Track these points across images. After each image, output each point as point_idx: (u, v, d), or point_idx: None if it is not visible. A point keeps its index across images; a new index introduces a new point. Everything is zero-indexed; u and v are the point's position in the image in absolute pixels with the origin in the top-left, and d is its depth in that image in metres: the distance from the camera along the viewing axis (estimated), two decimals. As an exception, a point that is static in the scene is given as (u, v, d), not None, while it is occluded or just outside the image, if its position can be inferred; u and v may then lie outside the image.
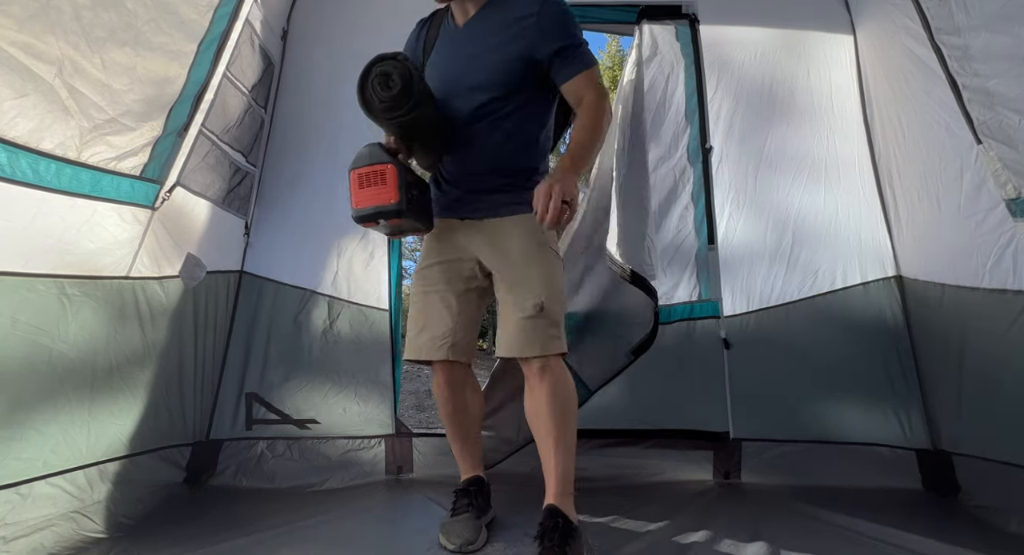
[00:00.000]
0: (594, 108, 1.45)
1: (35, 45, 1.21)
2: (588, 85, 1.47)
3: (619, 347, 1.93)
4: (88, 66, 1.34)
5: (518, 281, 1.49)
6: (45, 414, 1.43)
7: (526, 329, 1.45)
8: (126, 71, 1.45)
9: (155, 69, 1.55)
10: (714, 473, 2.18)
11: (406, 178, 1.42)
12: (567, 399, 1.49)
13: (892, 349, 2.16)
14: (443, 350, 1.57)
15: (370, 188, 1.40)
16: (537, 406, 1.48)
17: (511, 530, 1.64)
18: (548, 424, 1.45)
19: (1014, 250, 1.61)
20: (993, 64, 1.51)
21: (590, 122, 1.44)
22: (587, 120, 1.44)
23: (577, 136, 1.44)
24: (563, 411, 1.47)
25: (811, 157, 2.29)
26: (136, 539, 1.53)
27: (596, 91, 1.47)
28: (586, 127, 1.44)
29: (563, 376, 1.49)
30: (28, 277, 1.35)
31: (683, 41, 2.33)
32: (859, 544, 1.55)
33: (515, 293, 1.48)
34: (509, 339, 1.48)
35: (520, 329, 1.45)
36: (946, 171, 1.84)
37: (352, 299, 2.24)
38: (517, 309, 1.46)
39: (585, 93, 1.46)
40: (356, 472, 2.13)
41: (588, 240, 2.19)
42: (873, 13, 2.15)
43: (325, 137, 2.26)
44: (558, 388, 1.47)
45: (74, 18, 1.28)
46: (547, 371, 1.46)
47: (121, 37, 1.41)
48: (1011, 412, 1.70)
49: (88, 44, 1.33)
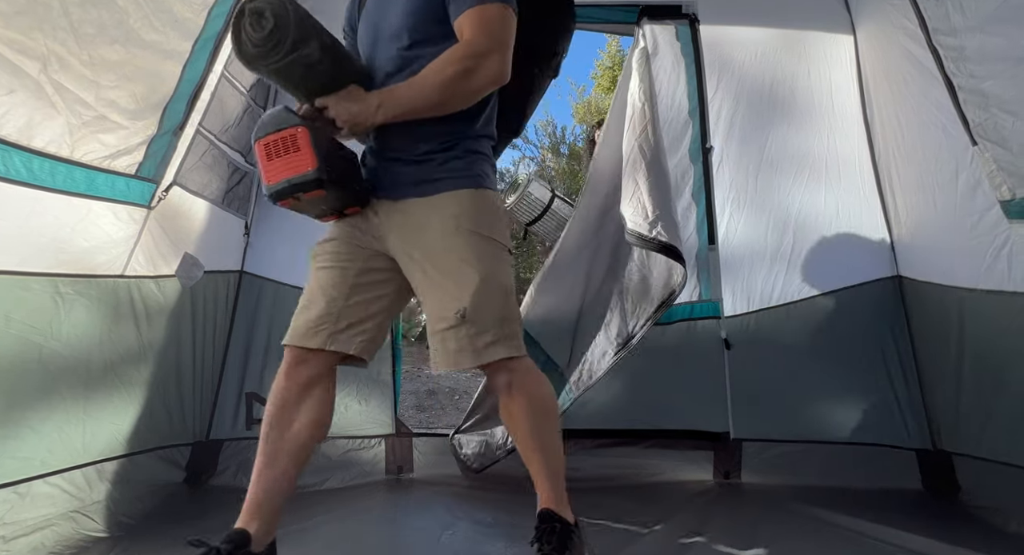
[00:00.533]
0: (458, 53, 1.19)
1: (21, 41, 1.22)
2: (471, 25, 1.20)
3: (605, 347, 1.93)
4: (75, 62, 1.34)
5: (434, 283, 1.26)
6: (40, 412, 1.43)
7: (447, 341, 1.23)
8: (114, 68, 1.44)
9: (147, 67, 1.55)
10: (714, 473, 2.18)
11: (326, 143, 1.22)
12: (543, 405, 1.32)
13: (892, 349, 2.16)
14: (320, 336, 1.26)
15: (281, 158, 1.19)
16: (513, 421, 1.31)
17: (511, 530, 1.64)
18: (529, 440, 1.30)
19: (1009, 251, 1.61)
20: (988, 65, 1.51)
21: (439, 65, 1.19)
22: (437, 63, 1.20)
23: (420, 73, 1.21)
24: (543, 419, 1.31)
25: (811, 157, 2.29)
26: (136, 539, 1.53)
27: (478, 34, 1.20)
28: (432, 67, 1.20)
29: (532, 381, 1.30)
30: (22, 276, 1.35)
31: (683, 41, 2.33)
32: (859, 544, 1.55)
33: (430, 298, 1.27)
34: (434, 353, 1.27)
35: (441, 342, 1.24)
36: (943, 172, 1.84)
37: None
38: (434, 319, 1.25)
39: (465, 34, 1.21)
40: (356, 472, 2.12)
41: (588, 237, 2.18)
42: (872, 13, 2.15)
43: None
44: (530, 397, 1.29)
45: (62, 14, 1.29)
46: (512, 380, 1.27)
47: (112, 34, 1.41)
48: (1011, 412, 1.70)
49: (76, 40, 1.33)
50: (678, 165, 2.32)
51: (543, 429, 1.31)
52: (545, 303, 2.09)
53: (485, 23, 1.20)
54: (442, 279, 1.24)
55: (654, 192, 1.81)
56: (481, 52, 1.19)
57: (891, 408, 2.13)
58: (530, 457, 1.31)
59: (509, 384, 1.27)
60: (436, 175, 1.27)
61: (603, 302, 2.04)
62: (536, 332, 2.07)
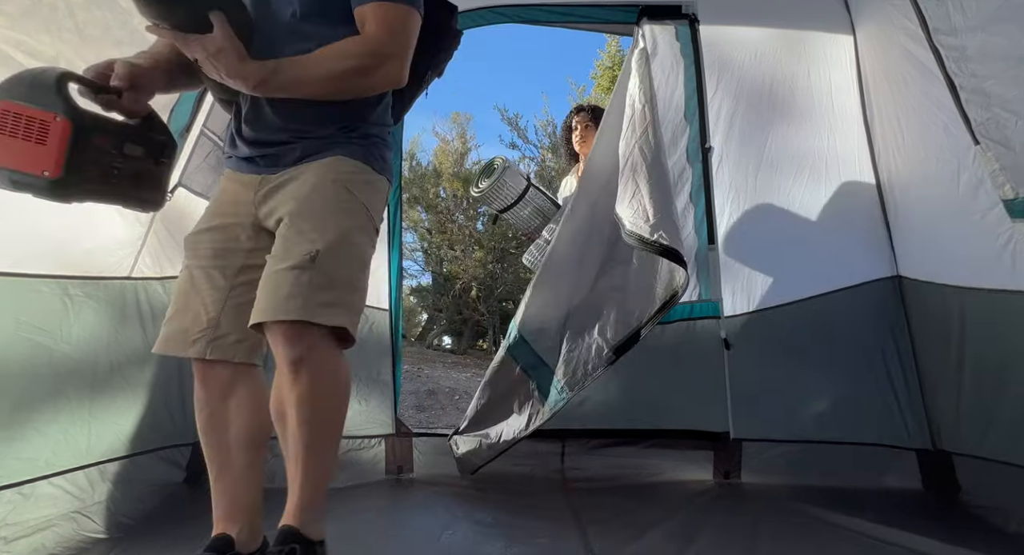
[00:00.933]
0: (358, 47, 1.10)
1: (29, 42, 1.22)
2: (376, 20, 1.11)
3: (600, 347, 1.92)
4: (81, 64, 1.34)
5: (290, 226, 1.10)
6: (46, 414, 1.43)
7: (281, 285, 1.05)
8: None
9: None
10: (714, 473, 2.18)
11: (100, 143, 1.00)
12: (334, 399, 1.11)
13: (892, 349, 2.16)
14: (198, 345, 1.16)
15: (15, 139, 0.92)
16: (287, 406, 1.07)
17: (511, 530, 1.64)
18: (300, 433, 1.06)
19: (1012, 250, 1.61)
20: (990, 65, 1.51)
21: (337, 54, 1.09)
22: (335, 51, 1.09)
23: (316, 55, 1.09)
24: (327, 414, 1.10)
25: (811, 157, 2.29)
26: (136, 539, 1.53)
27: (381, 33, 1.11)
28: (329, 54, 1.09)
29: (333, 366, 1.10)
30: (31, 278, 1.36)
31: (683, 41, 2.33)
32: (859, 544, 1.55)
33: (284, 240, 1.10)
34: (257, 302, 1.07)
35: (273, 286, 1.06)
36: (944, 171, 1.84)
37: (352, 299, 2.24)
38: (276, 260, 1.08)
39: (367, 28, 1.12)
40: (356, 472, 2.12)
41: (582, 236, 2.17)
42: (872, 13, 2.15)
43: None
44: (323, 383, 1.08)
45: (68, 15, 1.29)
46: (310, 357, 1.05)
47: (116, 35, 1.42)
48: (1011, 412, 1.70)
49: (82, 41, 1.33)
50: (677, 165, 2.32)
51: (323, 426, 1.10)
52: (538, 304, 2.09)
53: (390, 23, 1.11)
54: (301, 222, 1.10)
55: (655, 194, 1.81)
56: (383, 53, 1.11)
57: (891, 408, 2.13)
58: (295, 455, 1.07)
59: (301, 360, 1.04)
60: (329, 147, 1.17)
61: (598, 302, 2.03)
62: (528, 333, 2.07)
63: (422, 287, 10.57)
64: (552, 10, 2.35)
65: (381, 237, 2.25)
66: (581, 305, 2.06)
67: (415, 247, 10.33)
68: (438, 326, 8.85)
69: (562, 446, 2.22)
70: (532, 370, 2.03)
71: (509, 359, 2.06)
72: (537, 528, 1.66)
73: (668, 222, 1.75)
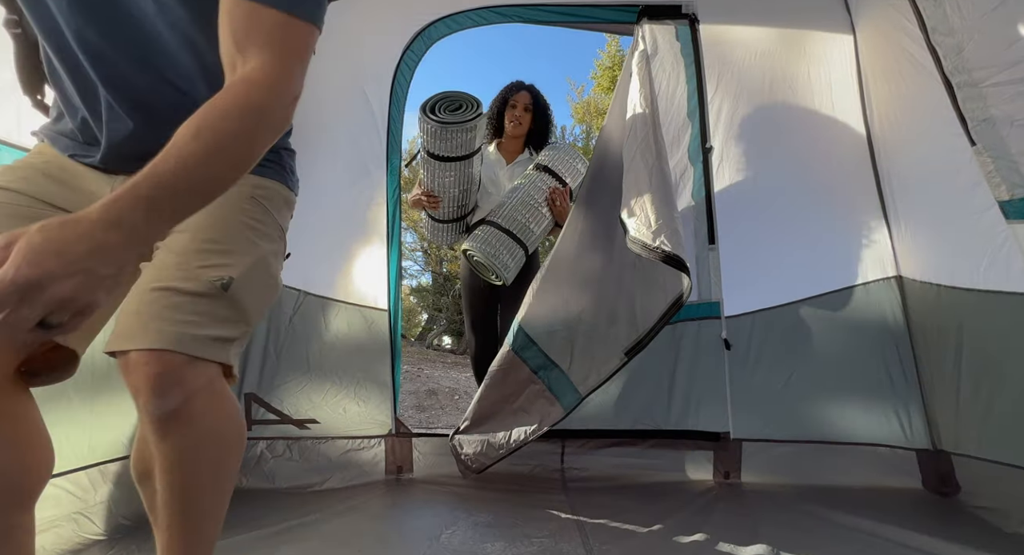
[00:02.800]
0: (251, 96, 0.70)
1: None
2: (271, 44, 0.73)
3: (612, 348, 1.93)
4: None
5: (194, 237, 0.84)
6: (48, 415, 1.42)
7: (177, 310, 0.77)
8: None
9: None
10: (714, 473, 2.18)
11: None
12: (224, 449, 0.83)
13: (892, 349, 2.16)
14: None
15: None
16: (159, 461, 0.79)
17: (511, 530, 1.64)
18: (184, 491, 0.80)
19: (1008, 252, 1.62)
20: (986, 66, 1.51)
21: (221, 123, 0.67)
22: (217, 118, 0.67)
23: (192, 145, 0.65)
24: (216, 468, 0.83)
25: (811, 157, 2.29)
26: (136, 539, 1.53)
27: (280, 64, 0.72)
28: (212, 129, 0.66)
29: (225, 409, 0.82)
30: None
31: (683, 41, 2.33)
32: (859, 544, 1.55)
33: (182, 255, 0.82)
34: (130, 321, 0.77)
35: (164, 306, 0.77)
36: (943, 171, 1.84)
37: (350, 300, 2.24)
38: (170, 276, 0.79)
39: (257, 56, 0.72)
40: (356, 472, 2.13)
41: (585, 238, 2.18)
42: (872, 13, 2.15)
43: (324, 137, 2.26)
44: (213, 432, 0.80)
45: None
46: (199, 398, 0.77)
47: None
48: (1011, 412, 1.70)
49: None
50: (678, 165, 2.32)
51: (213, 481, 0.83)
52: (544, 305, 2.09)
53: (291, 49, 0.74)
54: (205, 235, 0.84)
55: (656, 200, 1.81)
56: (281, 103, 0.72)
57: (891, 408, 2.13)
58: (167, 527, 0.81)
59: (190, 400, 0.76)
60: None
61: (608, 304, 2.04)
62: (535, 333, 2.07)
63: (422, 287, 10.59)
64: (552, 10, 2.35)
65: (381, 237, 2.29)
66: (590, 307, 2.06)
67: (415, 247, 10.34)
68: (438, 326, 8.85)
69: (562, 446, 2.23)
70: (542, 371, 2.03)
71: (517, 360, 2.06)
72: (537, 528, 1.66)
73: (670, 228, 1.76)
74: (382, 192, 2.30)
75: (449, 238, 2.66)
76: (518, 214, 2.30)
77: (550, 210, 2.34)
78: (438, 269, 8.68)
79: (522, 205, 2.31)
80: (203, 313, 0.79)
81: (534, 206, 2.32)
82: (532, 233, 2.32)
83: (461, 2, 2.34)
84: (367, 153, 2.29)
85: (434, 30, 2.36)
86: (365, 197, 2.29)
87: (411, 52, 2.35)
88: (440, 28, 2.37)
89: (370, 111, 2.29)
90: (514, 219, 2.29)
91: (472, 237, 2.31)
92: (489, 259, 2.25)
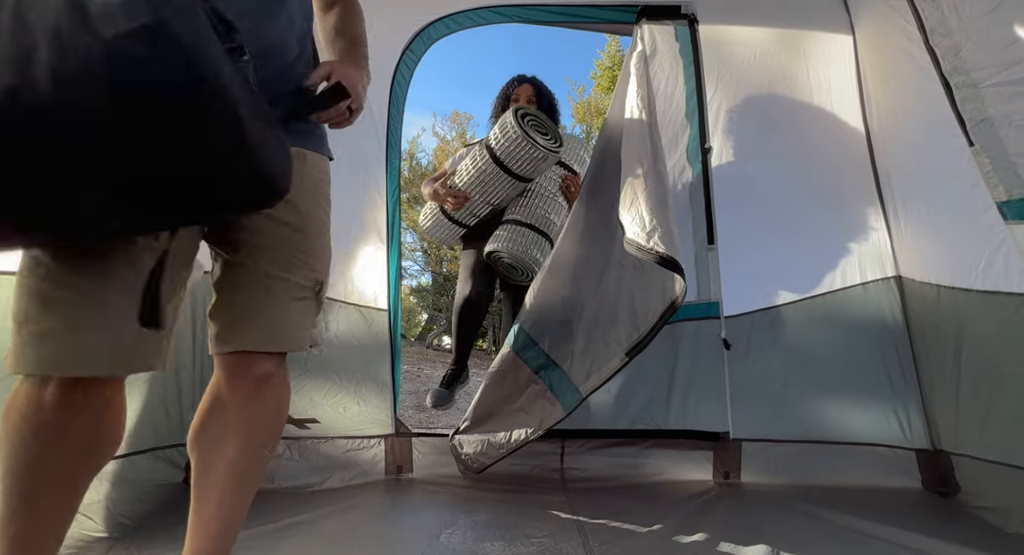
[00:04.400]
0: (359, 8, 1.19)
1: None
2: None
3: (612, 348, 1.93)
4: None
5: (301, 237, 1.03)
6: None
7: (292, 312, 1.01)
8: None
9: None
10: (714, 473, 2.18)
11: None
12: (282, 418, 1.06)
13: (892, 349, 2.16)
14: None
15: None
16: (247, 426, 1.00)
17: (511, 530, 1.64)
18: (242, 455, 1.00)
19: (1006, 252, 1.62)
20: (984, 67, 1.51)
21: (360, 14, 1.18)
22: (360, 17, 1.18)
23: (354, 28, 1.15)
24: (273, 442, 1.06)
25: (810, 157, 2.29)
26: (135, 539, 1.53)
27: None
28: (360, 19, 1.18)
29: (288, 388, 1.07)
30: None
31: (682, 41, 2.33)
32: (859, 544, 1.55)
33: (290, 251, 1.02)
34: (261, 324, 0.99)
35: (287, 311, 1.01)
36: (942, 172, 1.84)
37: (350, 300, 2.24)
38: (280, 276, 1.00)
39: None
40: (356, 472, 2.13)
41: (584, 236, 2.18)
42: (871, 14, 2.16)
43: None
44: (284, 400, 1.05)
45: None
46: (277, 379, 1.02)
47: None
48: (1010, 412, 1.70)
49: None
50: (677, 165, 2.32)
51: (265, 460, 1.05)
52: (545, 306, 2.09)
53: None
54: (306, 236, 1.04)
55: (652, 202, 1.82)
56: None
57: (891, 408, 2.13)
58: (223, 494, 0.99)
59: (270, 374, 1.00)
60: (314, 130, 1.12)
61: (608, 305, 2.04)
62: (537, 335, 2.07)
63: (422, 287, 10.59)
64: (552, 10, 2.35)
65: (380, 237, 2.28)
66: (591, 307, 2.06)
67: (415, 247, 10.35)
68: (438, 326, 8.84)
69: (562, 446, 2.22)
70: (543, 371, 2.03)
71: (517, 360, 2.06)
72: (537, 528, 1.66)
73: (664, 229, 1.76)
74: (382, 192, 2.30)
75: (449, 237, 2.66)
76: (537, 208, 2.33)
77: (565, 198, 2.38)
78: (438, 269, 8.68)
79: (538, 198, 2.34)
80: (308, 315, 1.02)
81: (550, 196, 2.35)
82: (554, 224, 2.35)
83: (461, 2, 2.34)
84: (367, 153, 2.29)
85: (433, 30, 2.36)
86: (365, 197, 2.29)
87: (410, 52, 2.35)
88: (439, 28, 2.37)
89: (369, 111, 2.28)
90: (534, 213, 2.33)
91: (496, 238, 2.30)
92: (519, 258, 2.26)
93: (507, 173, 2.25)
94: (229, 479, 0.99)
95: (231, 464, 0.99)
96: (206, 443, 1.02)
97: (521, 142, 2.17)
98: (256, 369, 0.99)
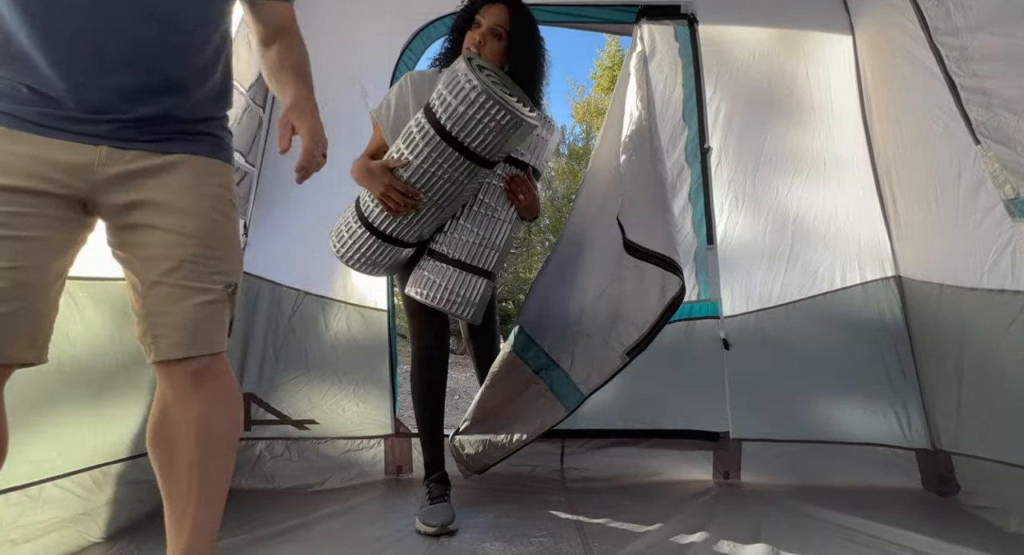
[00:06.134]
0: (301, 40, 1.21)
1: None
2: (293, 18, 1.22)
3: (613, 348, 1.92)
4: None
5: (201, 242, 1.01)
6: (53, 416, 1.44)
7: (203, 316, 1.01)
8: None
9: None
10: (714, 473, 2.18)
11: None
12: (235, 418, 1.09)
13: (892, 349, 2.16)
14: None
15: None
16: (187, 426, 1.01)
17: (511, 530, 1.64)
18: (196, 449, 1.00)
19: (1012, 250, 1.61)
20: (991, 65, 1.51)
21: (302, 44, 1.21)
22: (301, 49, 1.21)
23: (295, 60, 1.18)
24: (227, 431, 1.06)
25: (810, 157, 2.29)
26: (138, 540, 1.53)
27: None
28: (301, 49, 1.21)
29: (233, 385, 1.08)
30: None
31: (682, 41, 2.33)
32: (859, 544, 1.55)
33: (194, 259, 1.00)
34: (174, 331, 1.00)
35: (196, 316, 1.00)
36: (944, 171, 1.83)
37: (349, 300, 2.24)
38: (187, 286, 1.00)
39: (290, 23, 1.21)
40: (355, 472, 2.13)
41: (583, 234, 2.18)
42: (872, 13, 2.15)
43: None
44: (226, 394, 1.06)
45: None
46: (212, 373, 1.03)
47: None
48: (1011, 412, 1.70)
49: None
50: (676, 165, 2.32)
51: (224, 441, 1.05)
52: (545, 306, 2.09)
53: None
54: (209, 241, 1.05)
55: (651, 203, 1.82)
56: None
57: (891, 408, 2.13)
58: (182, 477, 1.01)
59: (203, 371, 1.01)
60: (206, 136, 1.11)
61: (609, 305, 2.03)
62: (537, 335, 2.07)
63: (422, 287, 10.54)
64: (552, 10, 2.35)
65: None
66: (591, 307, 2.06)
67: (415, 247, 10.26)
68: (438, 326, 8.87)
69: (562, 446, 2.22)
70: (543, 371, 2.03)
71: (517, 361, 2.06)
72: (537, 528, 1.66)
73: (663, 230, 1.77)
74: (382, 192, 2.30)
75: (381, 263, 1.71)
76: (467, 233, 1.67)
77: (514, 206, 1.73)
78: (438, 269, 8.72)
79: (471, 217, 1.69)
80: (223, 317, 1.03)
81: (486, 213, 1.70)
82: (495, 249, 1.71)
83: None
84: (367, 153, 2.29)
85: (433, 30, 2.36)
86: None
87: (410, 51, 2.35)
88: (439, 28, 2.37)
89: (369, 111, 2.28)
90: (463, 242, 1.67)
91: (415, 279, 1.69)
92: (444, 305, 1.68)
93: (460, 152, 1.49)
94: (191, 474, 1.00)
95: (190, 460, 1.01)
96: (162, 446, 1.03)
97: (481, 100, 1.42)
98: (187, 368, 1.00)
